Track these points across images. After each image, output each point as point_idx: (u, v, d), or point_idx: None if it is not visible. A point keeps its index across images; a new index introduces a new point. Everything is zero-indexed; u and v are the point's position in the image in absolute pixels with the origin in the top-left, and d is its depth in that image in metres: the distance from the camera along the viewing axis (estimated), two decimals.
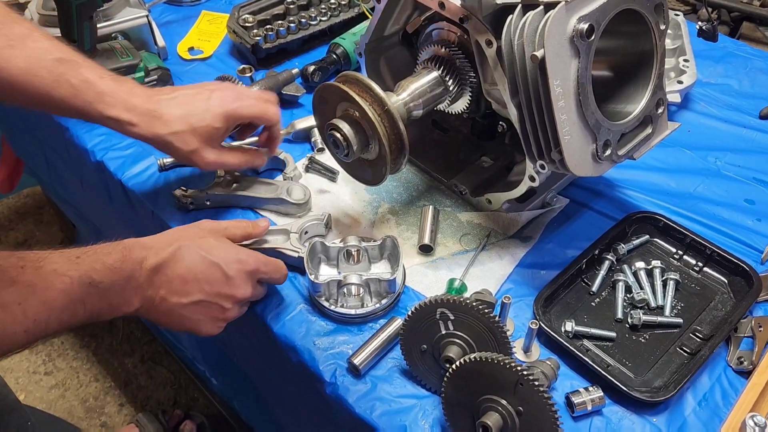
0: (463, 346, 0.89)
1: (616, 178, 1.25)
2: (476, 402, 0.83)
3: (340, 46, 1.46)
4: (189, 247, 0.92)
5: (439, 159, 1.26)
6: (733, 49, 1.60)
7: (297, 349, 1.00)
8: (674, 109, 1.42)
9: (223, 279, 0.92)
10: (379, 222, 1.18)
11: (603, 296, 1.07)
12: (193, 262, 0.91)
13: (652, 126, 1.04)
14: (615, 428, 0.90)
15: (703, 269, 1.09)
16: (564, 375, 0.96)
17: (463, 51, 1.06)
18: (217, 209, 1.19)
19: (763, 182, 1.26)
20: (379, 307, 1.01)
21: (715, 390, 0.95)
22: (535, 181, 1.04)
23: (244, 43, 1.46)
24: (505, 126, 1.18)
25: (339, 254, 1.07)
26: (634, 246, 1.12)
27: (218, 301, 0.93)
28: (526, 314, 1.03)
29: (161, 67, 1.40)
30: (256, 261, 0.96)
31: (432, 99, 1.09)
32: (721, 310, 1.04)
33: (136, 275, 0.87)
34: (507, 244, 1.13)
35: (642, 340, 1.00)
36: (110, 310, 0.85)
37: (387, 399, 0.94)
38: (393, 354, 0.99)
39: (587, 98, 0.91)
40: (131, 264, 0.86)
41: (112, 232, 1.60)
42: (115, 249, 0.86)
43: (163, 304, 0.90)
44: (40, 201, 2.58)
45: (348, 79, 1.00)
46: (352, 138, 0.98)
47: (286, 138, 1.33)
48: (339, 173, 1.24)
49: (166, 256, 0.90)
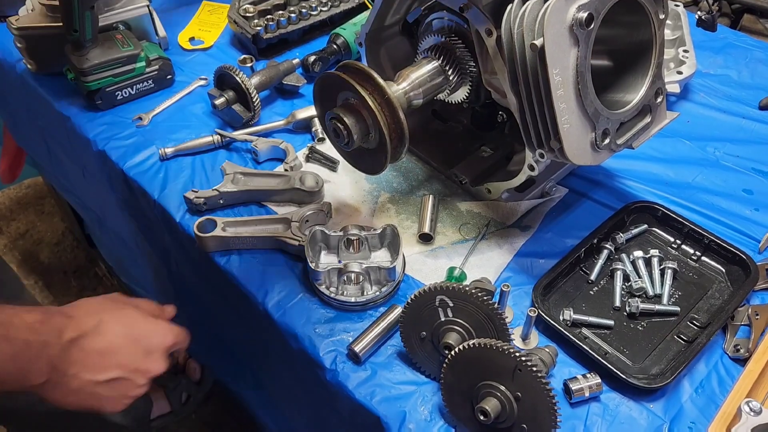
0: (462, 333, 0.90)
1: (615, 168, 1.26)
2: (475, 388, 0.84)
3: (341, 36, 1.46)
4: (111, 321, 0.87)
5: (439, 149, 1.26)
6: (732, 40, 1.60)
7: (298, 337, 1.01)
8: (674, 99, 1.42)
9: (142, 354, 0.89)
10: (379, 211, 1.18)
11: (601, 285, 1.08)
12: (116, 336, 0.87)
13: (651, 115, 1.05)
14: (612, 414, 0.91)
15: (701, 258, 1.10)
16: (562, 362, 0.97)
17: (463, 40, 1.07)
18: (231, 206, 1.19)
19: (761, 172, 1.27)
20: (379, 295, 1.02)
21: (712, 377, 0.96)
22: (535, 171, 1.05)
23: (245, 33, 1.47)
24: (505, 116, 1.19)
25: (339, 243, 1.07)
26: (633, 235, 1.13)
27: (133, 378, 0.89)
28: (525, 302, 1.04)
29: (162, 57, 1.40)
30: (174, 334, 0.95)
31: (432, 88, 1.09)
32: (719, 298, 1.05)
33: (53, 344, 0.81)
34: (506, 233, 1.14)
35: (640, 328, 1.01)
36: (16, 376, 0.79)
37: (387, 385, 0.95)
38: (393, 341, 1.00)
39: (586, 87, 0.92)
40: (50, 329, 0.81)
41: (113, 221, 1.61)
42: (37, 309, 0.83)
43: (73, 381, 0.84)
44: (42, 191, 2.59)
45: (348, 68, 1.00)
46: (353, 127, 0.99)
47: (286, 128, 1.33)
48: (339, 163, 1.25)
49: (87, 329, 0.85)
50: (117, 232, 1.68)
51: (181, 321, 1.62)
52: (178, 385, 1.88)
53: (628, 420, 0.91)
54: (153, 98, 1.41)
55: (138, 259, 1.65)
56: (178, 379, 1.89)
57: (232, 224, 1.12)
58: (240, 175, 1.19)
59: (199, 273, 1.27)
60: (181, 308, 1.55)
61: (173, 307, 1.03)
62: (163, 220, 1.23)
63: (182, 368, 1.92)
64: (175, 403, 1.87)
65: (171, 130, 1.33)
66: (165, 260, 1.41)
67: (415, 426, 0.90)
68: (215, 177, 1.24)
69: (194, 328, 1.60)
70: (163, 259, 1.42)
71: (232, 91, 1.30)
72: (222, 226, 1.11)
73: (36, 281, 2.32)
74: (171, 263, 1.39)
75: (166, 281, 1.49)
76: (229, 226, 1.11)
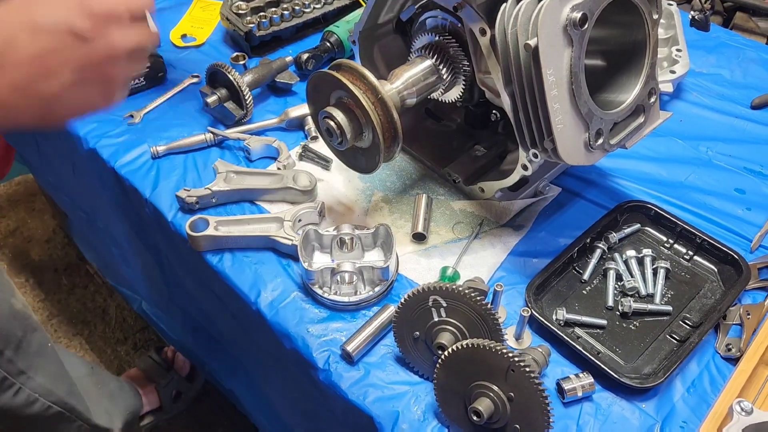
0: (455, 333, 0.90)
1: (608, 167, 1.26)
2: (468, 388, 0.84)
3: (334, 33, 1.45)
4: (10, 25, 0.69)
5: (432, 148, 1.26)
6: (725, 39, 1.61)
7: (291, 337, 1.00)
8: (666, 98, 1.42)
9: (76, 42, 0.71)
10: (372, 210, 1.18)
11: (594, 284, 1.08)
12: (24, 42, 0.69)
13: (644, 115, 1.05)
14: (605, 414, 0.91)
15: (693, 258, 1.11)
16: (555, 362, 0.97)
17: (457, 39, 1.06)
18: (223, 205, 1.18)
19: (753, 172, 1.27)
20: (372, 294, 1.02)
21: (704, 376, 0.96)
22: (528, 170, 1.05)
23: (238, 30, 1.46)
24: (499, 115, 1.19)
25: (332, 242, 1.07)
26: (626, 234, 1.13)
27: (92, 72, 0.73)
28: (518, 302, 1.04)
29: (154, 55, 1.39)
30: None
31: (426, 87, 1.09)
32: (711, 298, 1.05)
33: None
34: (499, 233, 1.14)
35: (632, 327, 1.02)
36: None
37: (380, 385, 0.94)
38: (386, 341, 0.99)
39: (580, 87, 0.92)
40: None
41: (104, 220, 1.60)
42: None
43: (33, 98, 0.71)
44: (32, 188, 2.57)
45: (342, 66, 0.99)
46: (346, 126, 0.98)
47: (279, 126, 1.33)
48: (332, 161, 1.24)
49: None
50: (108, 231, 1.67)
51: (174, 320, 1.61)
52: (169, 381, 1.88)
53: (621, 419, 0.91)
54: (144, 96, 1.40)
55: (129, 258, 1.64)
56: (170, 375, 1.90)
57: (225, 223, 1.11)
58: (232, 173, 1.19)
59: (192, 272, 1.27)
60: (174, 307, 1.56)
61: None
62: (155, 218, 1.22)
63: (171, 364, 1.92)
64: (166, 399, 1.87)
65: (163, 128, 1.32)
66: (157, 259, 1.40)
67: (408, 426, 0.90)
68: (207, 175, 1.23)
69: (187, 327, 1.59)
70: (155, 258, 1.41)
71: (224, 89, 1.29)
72: (214, 225, 1.10)
73: (26, 279, 2.31)
74: (163, 262, 1.39)
75: (158, 280, 1.48)
76: (222, 225, 1.11)
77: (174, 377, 1.90)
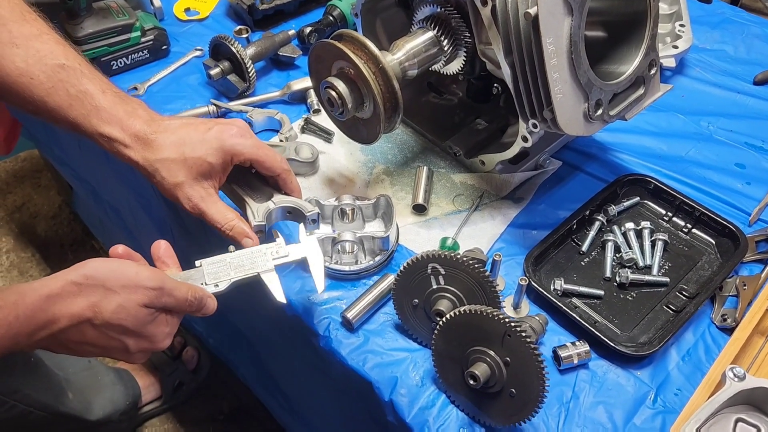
0: (453, 300, 0.91)
1: (608, 141, 1.27)
2: (465, 353, 0.86)
3: (337, 7, 1.45)
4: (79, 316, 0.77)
5: (434, 121, 1.27)
6: (730, 15, 1.60)
7: (292, 304, 1.02)
8: (669, 74, 1.42)
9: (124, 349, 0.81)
10: (373, 182, 1.19)
11: (592, 256, 1.09)
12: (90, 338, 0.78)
13: (645, 87, 1.05)
14: (600, 381, 0.93)
15: (692, 231, 1.11)
16: (552, 331, 0.98)
17: (459, 10, 1.06)
18: None
19: (754, 147, 1.27)
20: (373, 264, 1.03)
21: (699, 346, 0.97)
22: (528, 142, 1.05)
23: (241, 3, 1.46)
24: (500, 88, 1.19)
25: (334, 212, 1.08)
26: (625, 207, 1.14)
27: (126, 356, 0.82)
28: (517, 272, 1.05)
29: (157, 27, 1.40)
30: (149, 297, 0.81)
31: (427, 59, 1.09)
32: (708, 269, 1.06)
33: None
34: (499, 205, 1.15)
35: (629, 298, 1.03)
36: None
37: (379, 352, 0.96)
38: (385, 309, 1.01)
39: (580, 57, 0.92)
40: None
41: (109, 193, 1.61)
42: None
43: None
44: (38, 164, 2.59)
45: (343, 37, 1.00)
46: (347, 96, 0.99)
47: (282, 99, 1.33)
48: (334, 134, 1.25)
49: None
50: (113, 204, 1.69)
51: None
52: (174, 371, 1.87)
53: (616, 386, 0.92)
54: (148, 68, 1.40)
55: (134, 232, 1.66)
56: (175, 365, 1.88)
57: None
58: None
59: (196, 242, 1.28)
60: None
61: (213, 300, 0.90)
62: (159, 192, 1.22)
63: (179, 354, 1.91)
64: (167, 389, 1.86)
65: (166, 100, 1.33)
66: (162, 232, 1.42)
67: (407, 391, 0.92)
68: None
69: None
70: (160, 231, 1.43)
71: (227, 62, 1.30)
72: None
73: (33, 254, 2.33)
74: (167, 235, 1.40)
75: None
76: None
77: (179, 367, 1.89)
